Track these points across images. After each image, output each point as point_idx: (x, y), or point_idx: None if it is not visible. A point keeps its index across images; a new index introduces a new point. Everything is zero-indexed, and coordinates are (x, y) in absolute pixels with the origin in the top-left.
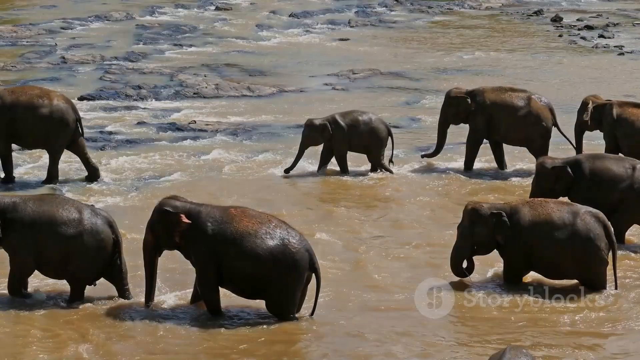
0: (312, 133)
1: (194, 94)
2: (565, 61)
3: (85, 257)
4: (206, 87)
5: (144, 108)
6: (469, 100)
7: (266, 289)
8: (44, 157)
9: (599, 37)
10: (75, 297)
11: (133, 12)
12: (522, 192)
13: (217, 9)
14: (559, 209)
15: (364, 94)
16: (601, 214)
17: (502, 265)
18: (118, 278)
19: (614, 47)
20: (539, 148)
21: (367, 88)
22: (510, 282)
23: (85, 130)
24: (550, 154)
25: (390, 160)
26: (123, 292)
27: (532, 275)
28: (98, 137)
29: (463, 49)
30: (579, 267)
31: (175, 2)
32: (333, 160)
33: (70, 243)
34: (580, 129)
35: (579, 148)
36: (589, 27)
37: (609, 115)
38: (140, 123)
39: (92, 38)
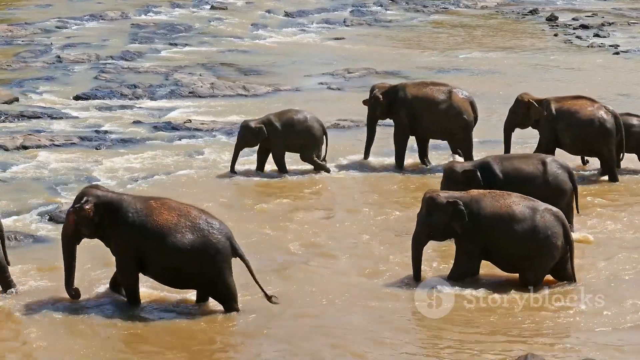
0: (247, 135)
1: (190, 93)
2: (561, 60)
3: None
4: (201, 87)
5: (139, 107)
6: (391, 92)
7: (194, 280)
8: (40, 156)
9: (594, 36)
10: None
11: (128, 11)
12: None
13: (213, 8)
14: (520, 202)
15: (359, 93)
16: (560, 213)
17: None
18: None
19: (609, 46)
20: (461, 141)
21: (362, 87)
22: (462, 270)
23: (80, 129)
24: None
25: (324, 159)
26: (7, 283)
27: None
28: (93, 137)
29: (458, 48)
30: (530, 261)
31: (170, 1)
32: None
33: None
34: (511, 126)
35: (507, 146)
36: (584, 26)
37: (547, 111)
38: (136, 122)
39: (87, 37)
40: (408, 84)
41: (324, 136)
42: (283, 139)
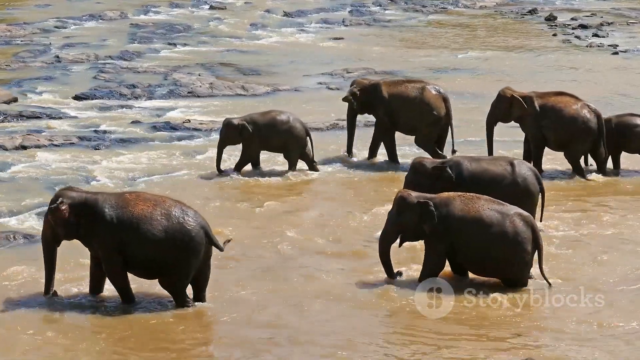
0: (230, 133)
1: (188, 93)
2: (560, 60)
3: None
4: (200, 86)
5: (138, 107)
6: (369, 90)
7: (165, 267)
8: (39, 155)
9: (593, 36)
10: None
11: (127, 11)
12: None
13: (212, 8)
14: (490, 207)
15: None
16: (530, 217)
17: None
18: None
19: (608, 46)
20: (426, 136)
21: None
22: (429, 273)
23: (79, 129)
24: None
25: (313, 160)
26: None
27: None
28: (92, 136)
29: (457, 48)
30: (504, 267)
31: (169, 1)
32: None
33: None
34: (493, 120)
35: (489, 141)
36: (583, 26)
37: (531, 107)
38: (135, 122)
39: (86, 37)
40: (385, 82)
41: (308, 137)
42: (264, 139)
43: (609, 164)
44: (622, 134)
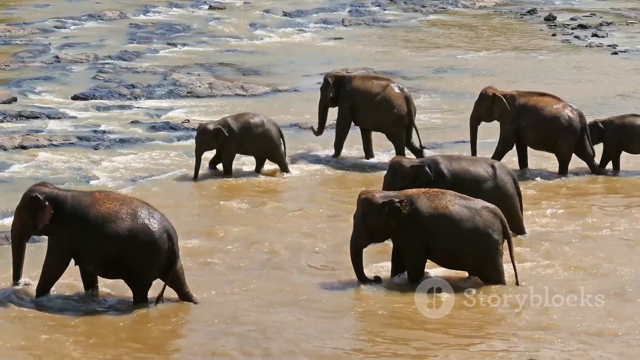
0: (205, 138)
1: (188, 93)
2: (559, 60)
3: None
4: (200, 86)
5: (138, 107)
6: (337, 84)
7: (125, 267)
8: (38, 155)
9: (592, 36)
10: None
11: (127, 11)
12: None
13: (211, 8)
14: (457, 202)
15: None
16: (498, 210)
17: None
18: None
19: (608, 46)
20: (393, 134)
21: None
22: (413, 273)
23: (79, 129)
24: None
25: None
26: None
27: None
28: (92, 137)
29: (457, 48)
30: (478, 261)
31: (168, 1)
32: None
33: None
34: (476, 119)
35: (473, 139)
36: (582, 26)
37: (512, 106)
38: (134, 122)
39: (85, 37)
40: (355, 77)
41: (281, 138)
42: (239, 142)
43: (609, 165)
44: (624, 135)
